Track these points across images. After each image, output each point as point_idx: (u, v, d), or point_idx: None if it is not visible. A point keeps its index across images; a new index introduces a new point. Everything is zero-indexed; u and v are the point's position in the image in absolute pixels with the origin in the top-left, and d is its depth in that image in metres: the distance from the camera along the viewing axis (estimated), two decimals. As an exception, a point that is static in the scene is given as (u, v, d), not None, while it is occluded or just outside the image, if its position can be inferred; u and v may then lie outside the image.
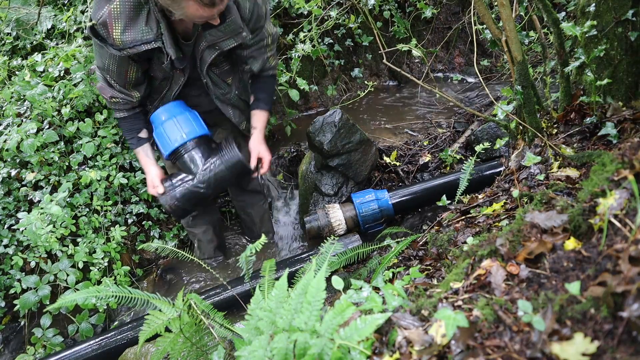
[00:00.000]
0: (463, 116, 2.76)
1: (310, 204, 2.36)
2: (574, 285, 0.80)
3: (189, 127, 1.79)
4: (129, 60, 1.64)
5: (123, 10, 1.45)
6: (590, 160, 1.31)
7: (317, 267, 1.34)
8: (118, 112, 1.83)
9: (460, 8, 3.43)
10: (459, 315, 0.82)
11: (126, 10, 1.46)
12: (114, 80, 1.70)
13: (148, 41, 1.53)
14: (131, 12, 1.47)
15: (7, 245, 2.15)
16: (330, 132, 2.20)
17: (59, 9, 2.94)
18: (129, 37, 1.50)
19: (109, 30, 1.48)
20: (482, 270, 0.98)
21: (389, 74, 3.44)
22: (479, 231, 1.41)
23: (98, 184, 2.28)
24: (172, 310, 1.24)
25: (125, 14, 1.46)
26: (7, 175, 2.19)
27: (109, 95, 1.76)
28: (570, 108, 1.56)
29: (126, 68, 1.66)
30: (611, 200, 0.89)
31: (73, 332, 2.08)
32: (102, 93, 1.78)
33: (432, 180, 2.21)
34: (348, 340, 0.82)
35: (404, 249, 1.71)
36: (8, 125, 2.26)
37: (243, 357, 0.87)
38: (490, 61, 3.25)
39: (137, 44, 1.52)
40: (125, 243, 2.37)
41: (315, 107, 3.28)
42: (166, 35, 1.55)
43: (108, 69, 1.66)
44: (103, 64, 1.67)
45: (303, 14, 2.91)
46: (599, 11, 1.40)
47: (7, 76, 2.53)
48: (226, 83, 1.87)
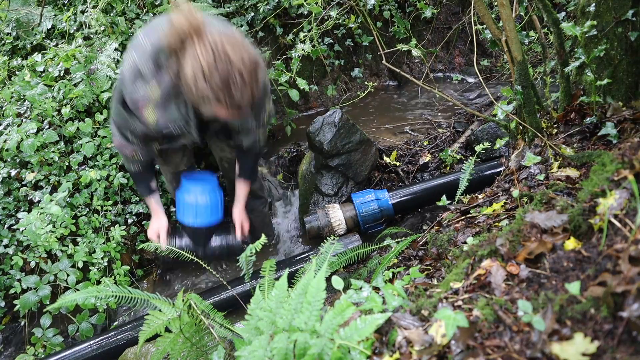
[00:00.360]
0: (463, 116, 2.76)
1: (310, 204, 2.36)
2: (574, 285, 0.80)
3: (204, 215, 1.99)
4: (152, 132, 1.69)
5: (160, 96, 1.52)
6: (590, 160, 1.31)
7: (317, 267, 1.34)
8: (133, 165, 1.86)
9: (460, 8, 3.43)
10: (459, 315, 0.82)
11: (163, 96, 1.52)
12: (136, 137, 1.72)
13: (177, 127, 1.61)
14: (167, 101, 1.54)
15: (7, 245, 2.14)
16: (330, 132, 2.20)
17: (59, 9, 2.94)
18: (161, 122, 1.58)
19: (141, 110, 1.55)
20: (482, 270, 0.98)
21: (389, 74, 3.44)
22: (479, 231, 1.41)
23: (98, 183, 2.28)
24: (172, 310, 1.24)
25: (162, 99, 1.53)
26: (7, 175, 2.19)
27: (131, 151, 1.78)
28: (570, 108, 1.56)
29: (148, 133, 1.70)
30: (611, 200, 0.89)
31: (73, 332, 2.08)
32: (123, 150, 1.79)
33: (432, 180, 2.21)
34: (348, 340, 0.82)
35: (404, 249, 1.71)
36: (8, 125, 2.26)
37: (243, 357, 0.87)
38: (490, 61, 3.25)
39: (166, 127, 1.60)
40: (125, 243, 2.37)
41: (315, 107, 3.28)
42: (193, 122, 1.62)
43: (129, 129, 1.69)
44: (125, 125, 1.69)
45: (303, 14, 2.91)
46: (599, 11, 1.40)
47: (7, 76, 2.53)
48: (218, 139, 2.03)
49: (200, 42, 1.34)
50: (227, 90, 1.35)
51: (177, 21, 1.35)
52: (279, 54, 3.00)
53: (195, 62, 1.33)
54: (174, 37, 1.37)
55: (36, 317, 2.16)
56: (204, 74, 1.33)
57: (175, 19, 1.36)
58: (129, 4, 2.72)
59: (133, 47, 1.55)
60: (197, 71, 1.33)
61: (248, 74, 1.37)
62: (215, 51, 1.33)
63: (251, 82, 1.39)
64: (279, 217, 2.62)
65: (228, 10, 2.86)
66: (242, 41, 1.40)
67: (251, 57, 1.39)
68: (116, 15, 2.68)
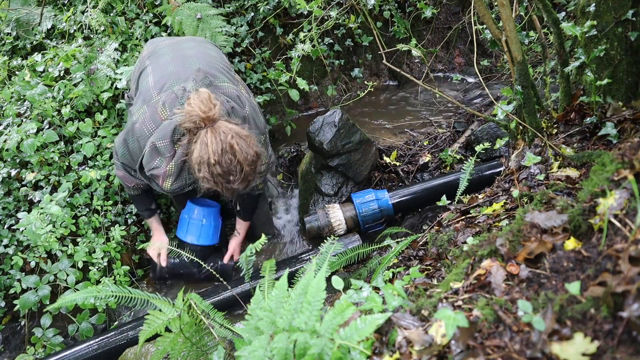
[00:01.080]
0: (463, 116, 2.76)
1: (310, 204, 2.36)
2: (574, 285, 0.80)
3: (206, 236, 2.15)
4: None
5: (175, 171, 1.66)
6: (590, 160, 1.31)
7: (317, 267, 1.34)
8: (132, 191, 1.97)
9: (460, 8, 3.43)
10: (459, 315, 0.82)
11: (177, 169, 1.66)
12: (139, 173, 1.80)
13: (189, 185, 1.74)
14: (179, 170, 1.67)
15: (7, 245, 2.14)
16: (330, 132, 2.20)
17: (59, 9, 2.94)
18: (176, 186, 1.71)
19: (161, 182, 1.69)
20: (482, 270, 0.98)
21: (389, 74, 3.44)
22: (479, 231, 1.41)
23: (98, 183, 2.28)
24: (172, 310, 1.24)
25: (176, 172, 1.67)
26: (7, 175, 2.19)
27: (133, 184, 1.90)
28: (570, 108, 1.56)
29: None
30: (611, 200, 0.89)
31: (73, 332, 2.08)
32: (125, 181, 1.90)
33: (432, 180, 2.21)
34: (348, 340, 0.82)
35: (404, 249, 1.71)
36: (8, 125, 2.26)
37: (243, 357, 0.87)
38: (490, 61, 3.25)
39: (181, 188, 1.73)
40: (125, 243, 2.37)
41: (315, 107, 3.28)
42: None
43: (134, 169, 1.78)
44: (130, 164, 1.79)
45: (303, 14, 2.91)
46: (599, 11, 1.40)
47: (7, 76, 2.53)
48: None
49: (212, 132, 1.47)
50: (225, 179, 1.50)
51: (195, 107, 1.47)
52: (279, 54, 3.01)
53: (204, 149, 1.46)
54: (189, 122, 1.48)
55: (36, 317, 2.16)
56: (209, 163, 1.46)
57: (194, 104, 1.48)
58: (129, 4, 2.72)
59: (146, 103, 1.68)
60: (203, 158, 1.46)
61: (249, 168, 1.51)
62: (224, 144, 1.46)
63: (249, 174, 1.53)
64: (279, 217, 2.62)
65: (228, 10, 2.86)
66: (250, 137, 1.54)
67: (255, 152, 1.52)
68: (116, 15, 2.68)
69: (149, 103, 1.69)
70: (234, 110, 1.67)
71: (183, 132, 1.57)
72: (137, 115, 1.70)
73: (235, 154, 1.47)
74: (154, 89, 1.71)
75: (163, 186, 1.70)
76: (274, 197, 2.71)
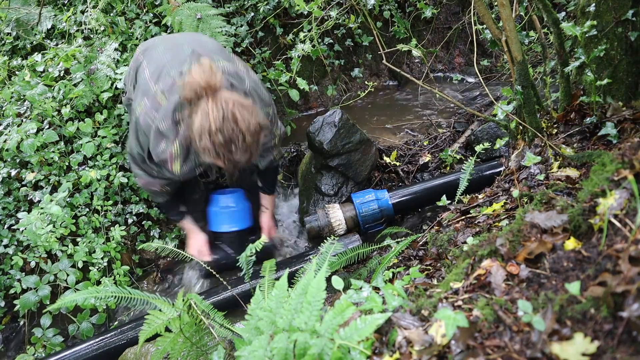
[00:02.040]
0: (463, 116, 2.76)
1: (310, 204, 2.36)
2: (574, 285, 0.80)
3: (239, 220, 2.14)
4: None
5: (182, 151, 1.63)
6: (590, 160, 1.31)
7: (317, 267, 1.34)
8: (160, 197, 1.95)
9: (460, 8, 3.43)
10: (459, 315, 0.82)
11: (184, 150, 1.63)
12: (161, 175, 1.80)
13: (200, 166, 1.71)
14: (186, 150, 1.64)
15: (7, 245, 2.14)
16: (330, 132, 2.20)
17: (59, 9, 2.94)
18: (186, 169, 1.68)
19: (170, 166, 1.66)
20: (482, 270, 0.98)
21: (389, 74, 3.44)
22: (479, 231, 1.41)
23: (98, 183, 2.28)
24: (172, 310, 1.24)
25: (183, 153, 1.64)
26: (7, 175, 2.19)
27: (159, 187, 1.87)
28: (570, 108, 1.56)
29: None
30: (611, 200, 0.89)
31: (73, 332, 2.08)
32: (150, 187, 1.88)
33: (432, 180, 2.21)
34: (348, 340, 0.82)
35: (404, 249, 1.71)
36: (8, 125, 2.26)
37: (243, 357, 0.87)
38: (490, 61, 3.25)
39: (192, 171, 1.72)
40: (125, 243, 2.37)
41: (315, 107, 3.28)
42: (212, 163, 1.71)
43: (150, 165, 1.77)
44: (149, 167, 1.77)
45: (303, 14, 2.91)
46: (599, 11, 1.40)
47: (7, 76, 2.53)
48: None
49: (214, 100, 1.43)
50: (227, 149, 1.45)
51: (196, 76, 1.43)
52: (279, 54, 3.00)
53: (205, 118, 1.42)
54: (190, 91, 1.45)
55: (36, 317, 2.16)
56: (210, 131, 1.41)
57: (195, 73, 1.44)
58: (129, 4, 2.73)
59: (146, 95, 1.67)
60: (204, 126, 1.42)
61: (251, 138, 1.46)
62: (225, 111, 1.41)
63: (252, 145, 1.48)
64: (279, 217, 2.62)
65: (228, 10, 2.86)
66: (252, 107, 1.49)
67: (257, 122, 1.48)
68: (116, 15, 2.68)
69: (148, 94, 1.67)
70: (234, 87, 1.64)
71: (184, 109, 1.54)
72: (138, 110, 1.68)
73: (237, 122, 1.43)
74: (150, 79, 1.70)
75: (173, 170, 1.67)
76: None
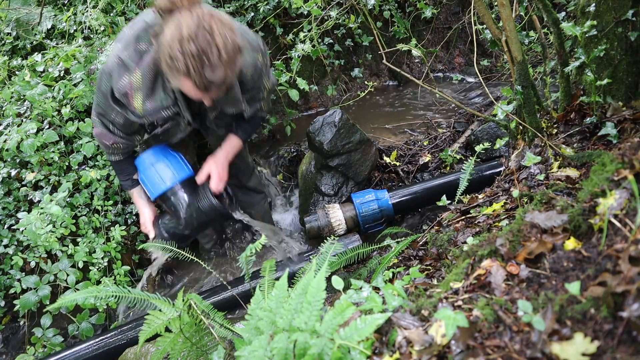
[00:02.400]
0: (463, 116, 2.76)
1: (310, 204, 2.36)
2: (574, 285, 0.80)
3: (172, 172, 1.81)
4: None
5: (144, 82, 1.47)
6: (590, 160, 1.31)
7: (317, 267, 1.34)
8: (113, 155, 1.80)
9: (460, 8, 3.43)
10: (459, 315, 0.82)
11: (147, 81, 1.47)
12: (118, 129, 1.68)
13: (167, 107, 1.55)
14: (151, 82, 1.48)
15: (7, 245, 2.14)
16: (330, 132, 2.20)
17: (59, 9, 2.94)
18: (149, 106, 1.52)
19: (130, 100, 1.50)
20: (482, 270, 0.98)
21: (389, 74, 3.44)
22: (479, 231, 1.41)
23: (98, 183, 2.28)
24: (172, 310, 1.24)
25: (146, 84, 1.48)
26: (7, 175, 2.19)
27: (111, 142, 1.72)
28: (570, 108, 1.56)
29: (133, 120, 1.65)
30: (611, 200, 0.89)
31: (73, 331, 2.08)
32: (102, 139, 1.73)
33: (432, 180, 2.21)
34: (348, 340, 0.82)
35: (404, 249, 1.71)
36: (8, 125, 2.26)
37: (243, 357, 0.87)
38: (490, 61, 3.25)
39: (157, 111, 1.55)
40: (125, 243, 2.37)
41: (315, 107, 3.28)
42: (181, 101, 1.56)
43: (113, 121, 1.65)
44: (107, 116, 1.64)
45: (303, 14, 2.91)
46: (599, 11, 1.40)
47: (7, 76, 2.53)
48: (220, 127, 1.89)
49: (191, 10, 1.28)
50: (199, 63, 1.27)
51: None
52: (279, 54, 3.00)
53: (177, 27, 1.26)
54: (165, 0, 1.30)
55: (36, 317, 2.16)
56: (181, 39, 1.24)
57: None
58: (129, 4, 2.73)
59: (118, 39, 1.53)
60: (175, 36, 1.25)
61: (227, 55, 1.28)
62: (201, 21, 1.25)
63: (228, 64, 1.30)
64: (279, 217, 2.63)
65: (228, 10, 2.86)
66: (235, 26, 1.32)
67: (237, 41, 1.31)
68: (116, 15, 2.68)
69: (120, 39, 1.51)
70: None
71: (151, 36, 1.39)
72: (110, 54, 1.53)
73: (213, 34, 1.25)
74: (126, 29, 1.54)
75: (134, 106, 1.50)
76: (274, 197, 2.71)
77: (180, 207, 1.75)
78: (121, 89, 1.49)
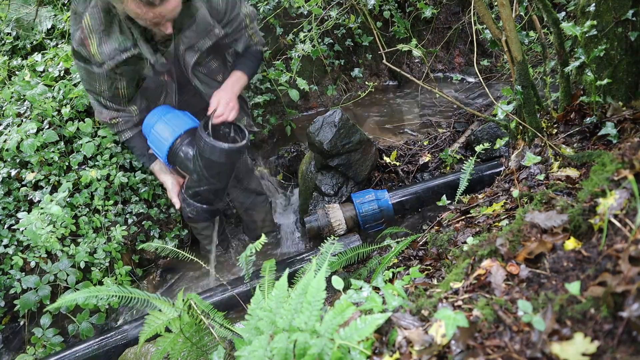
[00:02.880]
0: (463, 116, 2.76)
1: (310, 204, 2.36)
2: (574, 285, 0.80)
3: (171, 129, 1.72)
4: (116, 76, 1.60)
5: (94, 23, 1.44)
6: (590, 160, 1.31)
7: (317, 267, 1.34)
8: (123, 133, 1.81)
9: (460, 8, 3.43)
10: (459, 315, 0.82)
11: (97, 22, 1.44)
12: (108, 99, 1.68)
13: (126, 49, 1.50)
14: (103, 24, 1.44)
15: (7, 245, 2.14)
16: (330, 132, 2.20)
17: (59, 9, 2.94)
18: (106, 49, 1.48)
19: (87, 47, 1.46)
20: (482, 270, 0.98)
21: (389, 74, 3.44)
22: (479, 231, 1.41)
23: (98, 183, 2.28)
24: (172, 310, 1.24)
25: (98, 26, 1.44)
26: (7, 175, 2.19)
27: (109, 117, 1.74)
28: (570, 108, 1.56)
29: (116, 84, 1.63)
30: (611, 200, 0.89)
31: (73, 331, 2.08)
32: (101, 118, 1.74)
33: (432, 180, 2.21)
34: (348, 340, 0.82)
35: (404, 249, 1.71)
36: (8, 125, 2.26)
37: (243, 357, 0.87)
38: (490, 61, 3.25)
39: (116, 54, 1.50)
40: (125, 243, 2.37)
41: (315, 107, 3.28)
42: (141, 41, 1.52)
43: (99, 91, 1.64)
44: (92, 87, 1.65)
45: (303, 14, 2.91)
46: (599, 11, 1.40)
47: (7, 76, 2.53)
48: (216, 81, 1.84)
49: None
50: None
51: None
52: (279, 54, 3.01)
53: None
54: None
55: (36, 317, 2.16)
56: None
57: None
58: (129, 4, 2.72)
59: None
60: None
61: None
62: None
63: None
64: (279, 217, 2.63)
65: (228, 10, 2.86)
66: None
67: None
68: (116, 15, 2.68)
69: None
70: None
71: None
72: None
73: None
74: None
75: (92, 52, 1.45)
76: (274, 197, 2.71)
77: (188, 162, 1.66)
78: (77, 39, 1.46)
